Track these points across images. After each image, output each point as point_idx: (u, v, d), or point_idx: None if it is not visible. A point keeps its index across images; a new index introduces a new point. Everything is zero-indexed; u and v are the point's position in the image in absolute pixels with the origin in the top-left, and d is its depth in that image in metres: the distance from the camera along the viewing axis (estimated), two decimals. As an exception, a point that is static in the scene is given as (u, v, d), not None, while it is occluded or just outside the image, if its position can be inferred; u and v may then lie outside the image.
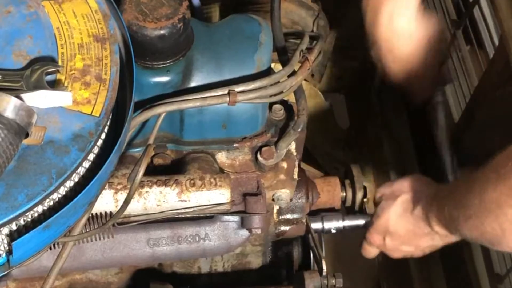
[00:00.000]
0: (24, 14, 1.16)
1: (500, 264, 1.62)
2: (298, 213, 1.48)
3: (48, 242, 1.09)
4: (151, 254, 1.39)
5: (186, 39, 1.29)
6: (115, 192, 1.29)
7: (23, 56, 1.12)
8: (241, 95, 1.27)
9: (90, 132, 1.07)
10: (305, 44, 1.39)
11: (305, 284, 1.46)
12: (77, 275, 1.46)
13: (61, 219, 1.05)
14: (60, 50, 1.14)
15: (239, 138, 1.38)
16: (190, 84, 1.31)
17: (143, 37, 1.23)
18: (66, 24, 1.16)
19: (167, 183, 1.31)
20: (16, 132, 1.01)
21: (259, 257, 1.53)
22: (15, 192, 1.01)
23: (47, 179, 1.03)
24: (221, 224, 1.39)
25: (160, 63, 1.28)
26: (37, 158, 1.04)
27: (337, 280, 1.48)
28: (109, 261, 1.38)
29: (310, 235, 1.53)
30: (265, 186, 1.37)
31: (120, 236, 1.37)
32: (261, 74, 1.32)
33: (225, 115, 1.34)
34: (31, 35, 1.14)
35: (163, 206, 1.31)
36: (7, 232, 1.04)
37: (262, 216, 1.35)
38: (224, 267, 1.53)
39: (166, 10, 1.25)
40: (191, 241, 1.39)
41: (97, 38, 1.16)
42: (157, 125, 1.26)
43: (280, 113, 1.41)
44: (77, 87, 1.11)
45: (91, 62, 1.13)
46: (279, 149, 1.36)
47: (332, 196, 1.52)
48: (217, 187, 1.32)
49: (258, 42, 1.33)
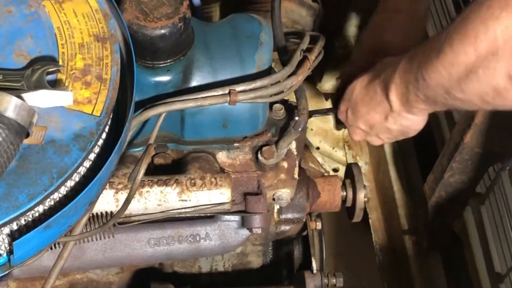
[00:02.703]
0: (25, 13, 1.16)
1: (500, 263, 1.63)
2: (299, 212, 1.48)
3: (49, 241, 1.08)
4: (151, 254, 1.39)
5: (187, 39, 1.29)
6: (115, 192, 1.29)
7: (24, 56, 1.12)
8: (241, 94, 1.27)
9: (91, 131, 1.07)
10: (305, 43, 1.39)
11: (305, 284, 1.46)
12: (78, 275, 1.46)
13: (62, 218, 1.05)
14: (60, 49, 1.14)
15: (239, 137, 1.38)
16: (190, 84, 1.31)
17: (143, 36, 1.23)
18: (66, 24, 1.16)
19: (168, 183, 1.31)
20: (17, 131, 1.01)
21: (260, 257, 1.53)
22: (16, 192, 1.01)
23: (48, 178, 1.03)
24: (221, 224, 1.39)
25: (160, 63, 1.28)
26: (38, 158, 1.04)
27: (338, 279, 1.48)
28: (109, 260, 1.38)
29: (310, 234, 1.53)
30: (265, 185, 1.37)
31: (120, 235, 1.37)
32: (262, 73, 1.32)
33: (226, 115, 1.34)
34: (32, 35, 1.14)
35: (164, 205, 1.31)
36: (8, 231, 1.04)
37: (263, 216, 1.35)
38: (225, 266, 1.53)
39: (167, 9, 1.25)
40: (192, 240, 1.39)
41: (97, 38, 1.16)
42: (158, 124, 1.26)
43: (281, 113, 1.41)
44: (77, 86, 1.11)
45: (91, 61, 1.13)
46: (280, 149, 1.36)
47: (333, 195, 1.51)
48: (217, 187, 1.32)
49: (259, 42, 1.33)
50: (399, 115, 1.31)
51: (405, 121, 1.31)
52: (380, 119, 1.35)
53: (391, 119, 1.32)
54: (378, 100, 1.32)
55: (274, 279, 1.56)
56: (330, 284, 1.47)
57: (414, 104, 1.24)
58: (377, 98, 1.32)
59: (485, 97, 1.07)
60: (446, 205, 1.82)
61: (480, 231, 1.78)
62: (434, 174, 1.80)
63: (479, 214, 1.80)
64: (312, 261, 1.50)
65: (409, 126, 1.33)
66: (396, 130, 1.35)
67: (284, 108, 1.42)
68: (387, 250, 2.07)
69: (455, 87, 1.10)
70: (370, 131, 1.39)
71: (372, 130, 1.39)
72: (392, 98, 1.28)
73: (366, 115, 1.37)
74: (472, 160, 1.68)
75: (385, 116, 1.33)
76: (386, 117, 1.33)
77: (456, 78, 1.09)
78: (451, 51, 1.08)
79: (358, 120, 1.39)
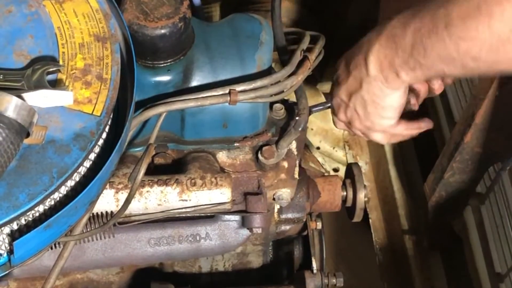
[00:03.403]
0: (25, 13, 1.16)
1: (500, 263, 1.63)
2: (299, 212, 1.48)
3: (49, 241, 1.09)
4: (152, 254, 1.39)
5: (187, 39, 1.29)
6: (116, 192, 1.29)
7: (24, 56, 1.12)
8: (242, 94, 1.28)
9: (91, 131, 1.07)
10: (305, 43, 1.39)
11: (305, 284, 1.46)
12: (78, 275, 1.46)
13: (62, 218, 1.05)
14: (61, 49, 1.14)
15: (239, 137, 1.38)
16: (191, 84, 1.31)
17: (143, 36, 1.24)
18: (67, 24, 1.16)
19: (168, 183, 1.31)
20: (17, 131, 1.01)
21: (260, 257, 1.53)
22: (16, 192, 1.01)
23: (48, 178, 1.03)
24: (221, 224, 1.39)
25: (160, 63, 1.28)
26: (38, 158, 1.04)
27: (338, 279, 1.48)
28: (110, 260, 1.38)
29: (310, 234, 1.53)
30: (265, 185, 1.37)
31: (121, 235, 1.37)
32: (262, 73, 1.32)
33: (226, 115, 1.34)
34: (32, 35, 1.14)
35: (164, 205, 1.31)
36: (8, 231, 1.04)
37: (263, 216, 1.35)
38: (225, 266, 1.53)
39: (167, 9, 1.25)
40: (192, 240, 1.39)
41: (98, 38, 1.16)
42: (158, 124, 1.27)
43: (281, 113, 1.41)
44: (78, 86, 1.11)
45: (92, 61, 1.14)
46: (280, 148, 1.36)
47: (333, 195, 1.51)
48: (218, 187, 1.32)
49: (259, 41, 1.33)
50: (374, 81, 1.26)
51: (378, 90, 1.27)
52: (356, 85, 1.30)
53: (365, 86, 1.28)
54: (356, 63, 1.28)
55: (274, 279, 1.56)
56: (330, 284, 1.47)
57: (398, 69, 1.21)
58: (356, 60, 1.28)
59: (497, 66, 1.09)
60: (446, 205, 1.82)
61: (480, 231, 1.78)
62: (434, 174, 1.80)
63: (479, 214, 1.80)
64: (312, 261, 1.50)
65: (381, 98, 1.28)
66: (369, 102, 1.30)
67: (284, 108, 1.42)
68: (387, 250, 2.07)
69: (464, 59, 1.11)
70: (349, 103, 1.34)
71: (350, 101, 1.33)
72: (371, 59, 1.23)
73: (345, 82, 1.32)
74: (472, 160, 1.68)
75: (360, 83, 1.28)
76: (361, 84, 1.28)
77: (464, 51, 1.09)
78: (462, 24, 1.08)
79: (340, 88, 1.34)
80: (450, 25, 1.10)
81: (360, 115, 1.34)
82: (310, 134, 2.14)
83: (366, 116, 1.34)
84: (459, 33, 1.09)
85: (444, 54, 1.13)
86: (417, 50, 1.16)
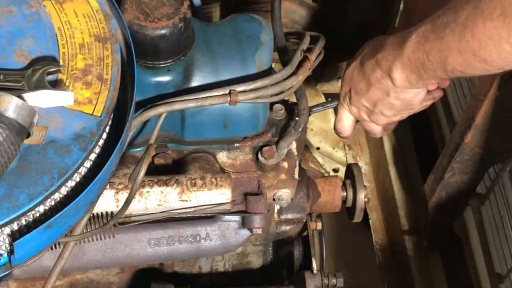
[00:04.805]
0: (26, 14, 1.16)
1: (500, 263, 1.63)
2: (299, 212, 1.48)
3: (50, 242, 1.08)
4: (152, 254, 1.39)
5: (187, 39, 1.29)
6: (116, 192, 1.29)
7: (25, 56, 1.12)
8: (242, 95, 1.28)
9: (92, 132, 1.07)
10: (305, 43, 1.39)
11: (306, 284, 1.46)
12: (78, 275, 1.47)
13: (62, 219, 1.05)
14: (61, 49, 1.14)
15: (240, 137, 1.38)
16: (191, 84, 1.31)
17: (144, 36, 1.24)
18: (67, 24, 1.16)
19: (168, 183, 1.31)
20: (17, 132, 1.01)
21: (260, 257, 1.53)
22: (16, 192, 1.01)
23: (49, 179, 1.03)
24: (222, 224, 1.39)
25: (161, 63, 1.28)
26: (39, 158, 1.04)
27: (338, 279, 1.48)
28: (110, 261, 1.38)
29: (310, 235, 1.53)
30: (266, 185, 1.37)
31: (121, 236, 1.37)
32: (262, 73, 1.32)
33: (226, 115, 1.34)
34: (33, 35, 1.14)
35: (164, 206, 1.31)
36: (9, 232, 1.04)
37: (263, 216, 1.35)
38: (225, 267, 1.53)
39: (167, 9, 1.25)
40: (192, 241, 1.39)
41: (98, 38, 1.16)
42: (158, 125, 1.27)
43: (281, 113, 1.41)
44: (78, 86, 1.11)
45: (92, 62, 1.13)
46: (280, 149, 1.36)
47: (333, 195, 1.51)
48: (218, 187, 1.32)
49: (259, 42, 1.33)
50: (402, 91, 1.29)
51: (408, 95, 1.30)
52: (381, 95, 1.33)
53: (393, 94, 1.31)
54: (377, 77, 1.30)
55: (274, 280, 1.56)
56: (330, 284, 1.47)
57: (427, 80, 1.25)
58: (376, 75, 1.30)
59: None
60: (446, 205, 1.82)
61: (480, 231, 1.79)
62: (434, 175, 1.80)
63: (480, 214, 1.80)
64: (312, 261, 1.50)
65: (411, 99, 1.32)
66: (399, 104, 1.34)
67: (284, 108, 1.42)
68: (387, 250, 2.07)
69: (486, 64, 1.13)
70: (374, 109, 1.37)
71: (376, 108, 1.36)
72: (395, 75, 1.26)
73: (367, 92, 1.35)
74: (473, 161, 1.69)
75: (387, 93, 1.31)
76: (388, 93, 1.31)
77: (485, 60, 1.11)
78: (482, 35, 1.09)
79: (362, 98, 1.37)
80: (479, 49, 1.11)
81: (388, 116, 1.37)
82: (310, 134, 2.14)
83: (395, 114, 1.37)
84: (485, 56, 1.11)
85: (470, 65, 1.15)
86: (442, 65, 1.18)
